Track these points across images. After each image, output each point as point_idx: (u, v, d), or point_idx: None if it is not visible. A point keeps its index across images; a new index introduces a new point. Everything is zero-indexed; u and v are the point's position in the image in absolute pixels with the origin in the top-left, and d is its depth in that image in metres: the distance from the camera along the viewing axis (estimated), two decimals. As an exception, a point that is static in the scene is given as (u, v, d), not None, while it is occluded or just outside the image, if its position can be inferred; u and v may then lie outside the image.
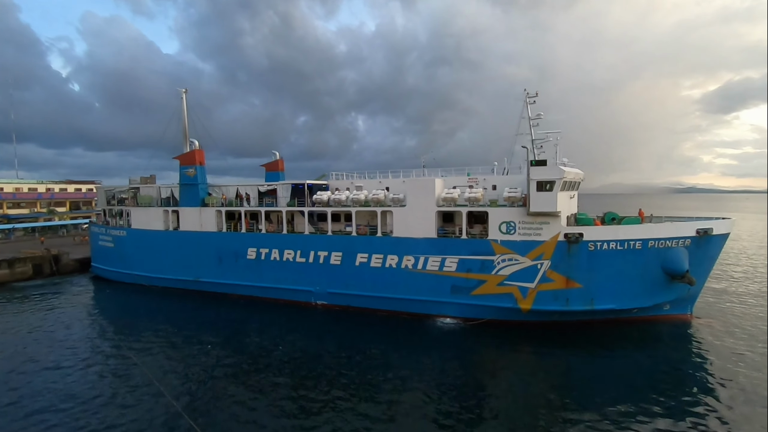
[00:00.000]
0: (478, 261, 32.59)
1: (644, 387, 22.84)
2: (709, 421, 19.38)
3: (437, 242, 34.13)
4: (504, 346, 29.42)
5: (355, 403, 21.32)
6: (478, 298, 32.95)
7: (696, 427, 18.94)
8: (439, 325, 33.12)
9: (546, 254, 30.78)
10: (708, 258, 32.06)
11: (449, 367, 26.01)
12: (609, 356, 27.28)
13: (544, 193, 30.33)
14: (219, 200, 44.87)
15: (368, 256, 36.45)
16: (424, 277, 34.44)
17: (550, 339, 29.77)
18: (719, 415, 19.81)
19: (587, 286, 30.50)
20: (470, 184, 36.34)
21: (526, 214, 31.21)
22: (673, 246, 30.27)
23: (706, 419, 19.55)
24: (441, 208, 34.53)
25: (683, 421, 19.35)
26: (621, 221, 32.88)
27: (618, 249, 30.11)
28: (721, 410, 20.27)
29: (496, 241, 32.11)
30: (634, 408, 20.55)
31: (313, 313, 37.40)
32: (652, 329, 31.17)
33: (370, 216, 38.07)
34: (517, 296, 31.76)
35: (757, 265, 56.55)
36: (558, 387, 23.58)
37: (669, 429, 18.83)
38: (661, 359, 26.69)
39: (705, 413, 20.05)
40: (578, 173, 33.81)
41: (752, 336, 29.46)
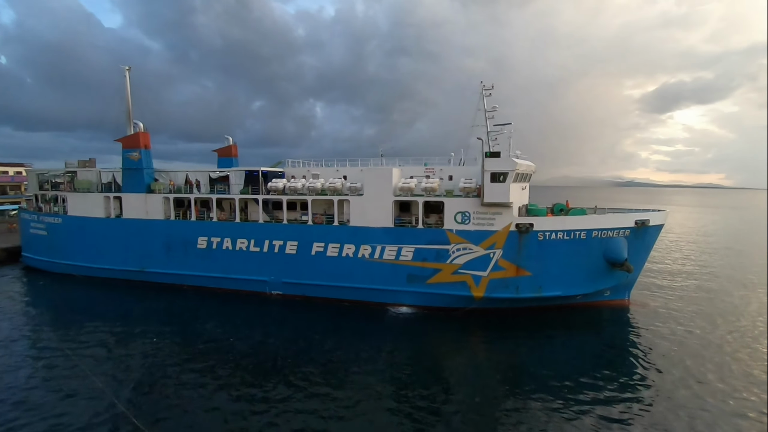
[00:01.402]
0: (434, 250, 33.09)
1: (587, 367, 24.39)
2: (644, 394, 20.96)
3: (394, 231, 34.26)
4: (458, 333, 30.23)
5: (311, 396, 21.07)
6: (434, 287, 33.52)
7: (633, 400, 20.38)
8: (395, 314, 33.42)
9: (498, 243, 31.74)
10: (645, 247, 34.34)
11: (405, 355, 26.37)
12: (555, 340, 28.80)
13: (497, 185, 31.13)
14: (166, 186, 42.52)
15: (325, 246, 36.02)
16: (381, 266, 34.55)
17: (501, 325, 30.98)
18: (653, 390, 21.44)
19: (536, 274, 31.82)
20: (427, 174, 36.66)
21: (480, 205, 31.95)
22: (614, 236, 32.12)
23: (641, 392, 21.13)
24: (398, 197, 34.61)
25: (623, 395, 20.78)
26: (568, 212, 34.47)
27: (565, 239, 31.56)
28: (655, 384, 21.95)
29: (452, 231, 32.69)
30: (579, 386, 21.86)
31: (267, 304, 36.59)
32: (595, 314, 33.14)
33: (326, 205, 37.54)
34: (470, 284, 32.61)
35: (687, 254, 61.52)
36: (508, 370, 24.64)
37: (610, 403, 20.13)
38: (602, 341, 28.60)
39: (640, 387, 21.67)
40: (530, 165, 34.94)
41: (681, 318, 32.07)
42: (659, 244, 54.03)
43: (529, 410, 19.80)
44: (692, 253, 63.19)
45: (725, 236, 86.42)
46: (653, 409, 19.77)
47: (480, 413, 19.71)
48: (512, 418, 19.22)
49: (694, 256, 60.53)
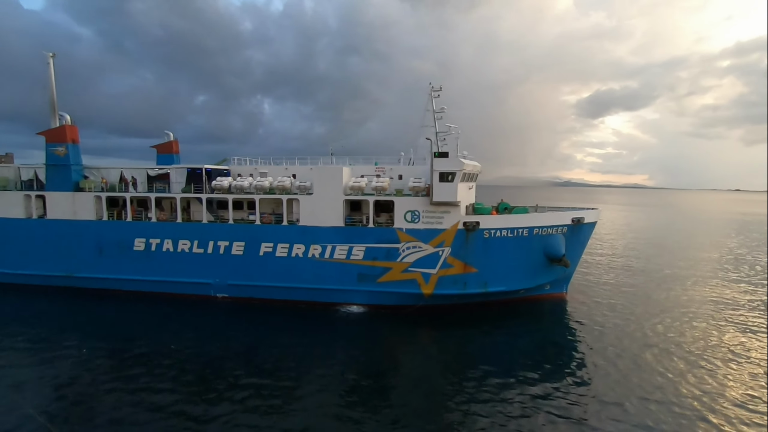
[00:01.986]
0: (384, 249, 33.32)
1: (530, 356, 25.87)
2: (582, 377, 22.41)
3: (345, 231, 34.08)
4: (408, 330, 30.67)
5: (259, 403, 20.33)
6: (384, 285, 33.74)
7: (571, 384, 21.74)
8: (346, 314, 33.28)
9: (447, 241, 32.57)
10: (580, 243, 36.77)
11: (357, 354, 26.36)
12: (501, 333, 30.14)
13: (445, 184, 31.92)
14: (98, 184, 39.39)
15: (273, 246, 35.10)
16: (332, 265, 34.24)
17: (450, 321, 31.85)
18: (588, 373, 23.01)
19: (482, 271, 33.01)
20: (377, 174, 36.84)
21: (429, 204, 32.60)
22: (552, 233, 34.06)
23: (578, 376, 22.59)
24: (348, 196, 34.46)
25: (562, 382, 22.06)
26: (512, 211, 36.08)
27: (509, 236, 33.00)
28: (589, 369, 23.60)
29: (402, 230, 33.09)
30: (524, 374, 23.03)
31: (212, 307, 35.03)
32: (536, 307, 35.02)
33: (275, 204, 36.58)
34: (420, 282, 33.19)
35: (617, 249, 66.61)
36: (458, 364, 25.42)
37: (550, 389, 21.29)
38: (543, 333, 30.38)
39: (577, 374, 23.12)
40: (476, 165, 36.15)
41: (613, 308, 34.71)
42: (593, 240, 58.02)
43: (478, 401, 20.48)
44: (622, 247, 68.56)
45: (650, 232, 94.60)
46: (589, 394, 21.19)
47: (432, 408, 20.12)
48: (462, 409, 19.78)
49: (623, 250, 65.71)
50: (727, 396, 20.94)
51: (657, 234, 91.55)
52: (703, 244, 75.28)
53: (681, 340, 28.15)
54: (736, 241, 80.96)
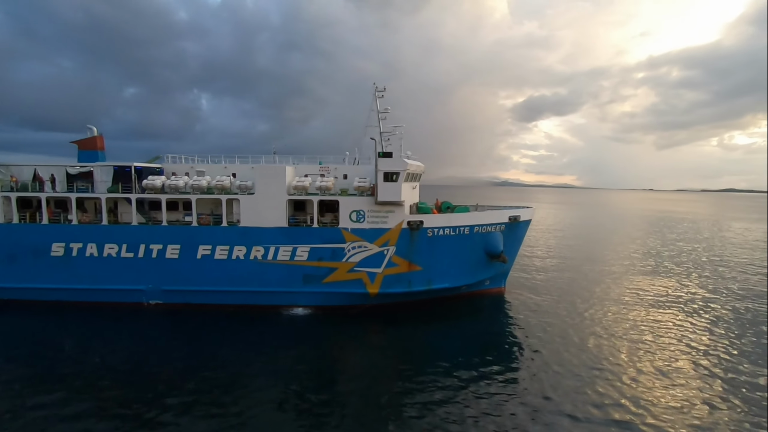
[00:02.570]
0: (330, 249, 33.02)
1: (473, 349, 26.98)
2: (519, 365, 23.68)
3: (288, 231, 33.33)
4: (354, 330, 30.66)
5: (200, 415, 19.23)
6: (330, 286, 33.44)
7: (510, 373, 22.89)
8: (291, 316, 32.59)
9: (391, 241, 32.94)
10: (517, 240, 38.82)
11: (303, 357, 25.80)
12: (445, 328, 31.08)
13: (390, 184, 32.26)
14: (7, 183, 35.29)
15: (212, 248, 33.48)
16: (275, 267, 33.34)
17: (395, 319, 32.29)
18: (524, 362, 24.37)
19: (426, 269, 33.76)
20: (322, 173, 36.40)
21: (374, 203, 32.79)
22: (492, 231, 35.64)
23: (516, 365, 23.85)
24: (292, 196, 33.74)
25: (503, 374, 23.11)
26: (454, 210, 37.28)
27: (451, 234, 34.04)
28: (526, 357, 24.99)
29: (347, 229, 32.98)
30: (468, 368, 23.87)
31: (144, 315, 32.75)
32: (477, 302, 36.49)
33: (213, 204, 34.92)
34: (365, 281, 33.28)
35: (550, 245, 71.07)
36: (404, 361, 25.80)
37: (492, 381, 22.25)
38: (484, 327, 31.85)
39: (515, 364, 24.43)
40: (420, 166, 36.90)
41: (547, 301, 37.00)
42: (528, 237, 61.52)
43: (424, 397, 20.89)
44: (555, 243, 73.35)
45: (579, 228, 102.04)
46: (527, 384, 22.42)
47: (378, 407, 20.20)
48: (409, 406, 20.07)
49: (556, 245, 70.36)
50: (649, 372, 23.13)
51: (585, 230, 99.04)
52: (626, 239, 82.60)
53: (609, 325, 30.67)
54: (653, 235, 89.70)
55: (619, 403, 20.25)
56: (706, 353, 26.32)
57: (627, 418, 18.99)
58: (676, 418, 19.11)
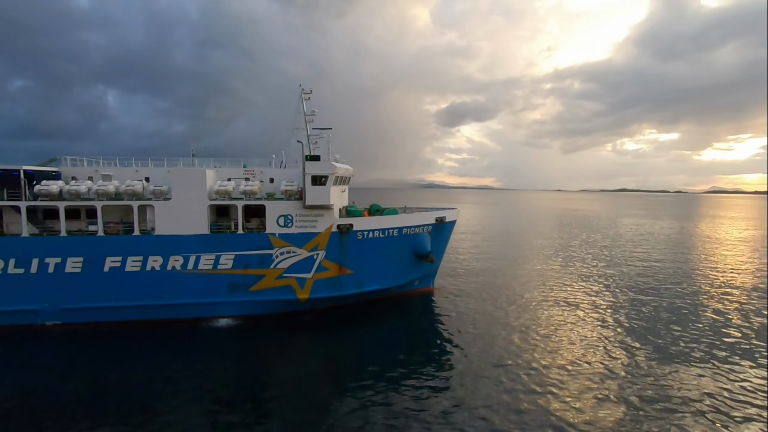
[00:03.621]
0: (256, 256, 31.72)
1: (403, 349, 27.49)
2: (447, 361, 24.56)
3: (210, 238, 31.43)
4: (284, 337, 29.71)
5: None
6: (257, 294, 32.12)
7: (440, 368, 23.67)
8: (215, 328, 30.72)
9: (321, 245, 32.51)
10: (443, 240, 40.39)
11: (230, 370, 24.42)
12: (375, 329, 31.43)
13: (318, 187, 31.84)
14: None
15: (122, 260, 30.50)
16: (196, 277, 31.25)
17: (327, 324, 31.88)
18: (452, 359, 25.33)
19: (357, 272, 33.80)
20: (247, 177, 34.95)
21: (302, 207, 32.13)
22: (419, 232, 36.70)
23: (443, 361, 24.72)
24: (214, 201, 31.91)
25: (433, 371, 23.81)
26: (383, 212, 37.76)
27: (381, 237, 34.45)
28: (453, 355, 25.96)
29: (274, 235, 31.93)
30: (397, 366, 24.21)
31: (41, 339, 28.89)
32: (407, 302, 37.30)
33: (123, 211, 31.87)
34: (295, 287, 32.47)
35: (474, 243, 74.90)
36: (336, 365, 25.59)
37: (422, 377, 22.82)
38: (414, 325, 32.63)
39: (445, 360, 25.32)
40: (348, 169, 36.90)
41: (473, 297, 38.88)
42: (454, 236, 64.35)
43: (356, 400, 20.81)
44: (478, 241, 77.47)
45: (499, 226, 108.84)
46: (456, 379, 23.32)
47: (311, 413, 19.77)
48: (340, 410, 19.87)
49: (479, 244, 74.31)
50: (564, 364, 25.25)
51: (505, 228, 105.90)
52: (540, 235, 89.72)
53: (528, 318, 33.00)
54: (563, 231, 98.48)
55: (536, 392, 21.88)
56: (611, 343, 29.43)
57: (544, 408, 20.53)
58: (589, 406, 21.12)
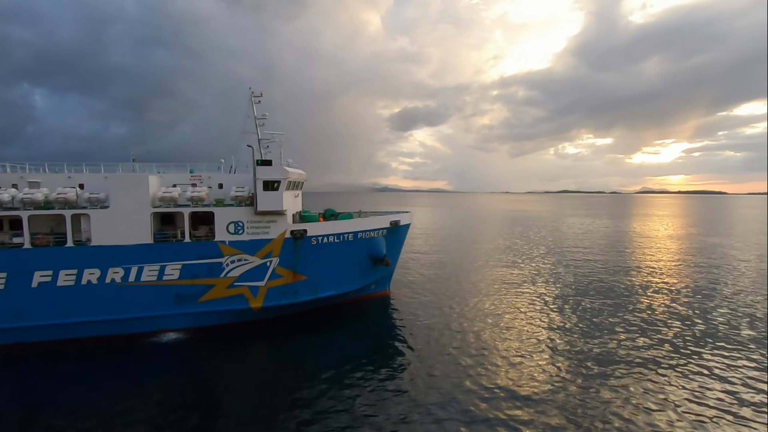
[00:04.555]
0: (205, 265, 30.38)
1: (360, 354, 27.24)
2: (404, 363, 24.70)
3: (154, 248, 29.72)
4: (237, 349, 28.59)
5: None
6: (207, 304, 30.75)
7: (395, 371, 23.77)
8: (161, 343, 29.01)
9: (274, 252, 31.73)
10: (398, 243, 40.77)
11: (178, 386, 23.17)
12: (331, 335, 30.97)
13: (270, 193, 31.10)
14: None
15: (54, 274, 28.09)
16: (139, 290, 29.40)
17: (282, 332, 31.12)
18: (409, 361, 25.51)
19: (312, 278, 33.29)
20: (194, 182, 33.45)
21: (254, 213, 31.22)
22: (375, 236, 36.82)
23: (400, 364, 24.84)
24: (158, 209, 30.24)
25: (391, 373, 23.87)
26: (338, 217, 37.56)
27: (336, 242, 34.18)
28: (410, 357, 26.15)
29: (224, 242, 30.75)
30: (354, 371, 24.04)
31: (-47, 365, 25.86)
32: (363, 306, 37.22)
33: (54, 221, 29.41)
34: (247, 296, 31.43)
35: (429, 245, 76.20)
36: (290, 373, 24.87)
37: (379, 381, 22.81)
38: (370, 329, 32.40)
39: (400, 361, 25.44)
40: (301, 174, 36.36)
41: (429, 298, 39.48)
42: (408, 239, 65.20)
43: (312, 408, 20.43)
44: (432, 243, 78.90)
45: (452, 228, 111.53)
46: (413, 382, 23.53)
47: (265, 424, 19.14)
48: (297, 419, 19.41)
49: (434, 245, 75.71)
50: (518, 356, 26.24)
51: (458, 230, 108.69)
52: (491, 235, 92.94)
53: (482, 318, 34.00)
54: (513, 231, 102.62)
55: (489, 392, 22.59)
56: (558, 340, 31.00)
57: (496, 409, 21.22)
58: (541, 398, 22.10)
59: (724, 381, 23.15)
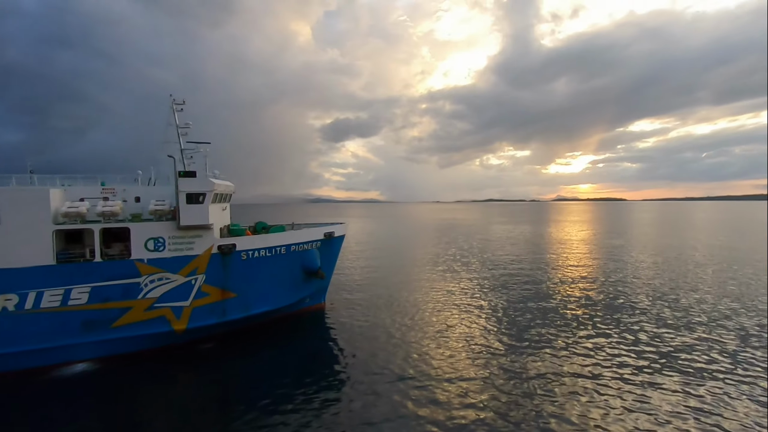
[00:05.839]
0: (120, 286, 27.67)
1: (294, 370, 26.30)
2: (341, 377, 24.30)
3: (58, 270, 26.52)
4: (157, 376, 26.25)
5: None
6: (122, 330, 27.98)
7: (332, 385, 23.28)
8: (67, 375, 25.81)
9: (200, 268, 29.82)
10: (333, 255, 40.35)
11: (89, 426, 20.62)
12: (265, 353, 29.55)
13: (195, 206, 29.32)
14: None
15: (-75, 305, 23.92)
16: (39, 317, 25.99)
17: (211, 352, 29.23)
18: (348, 375, 25.16)
19: (242, 294, 31.70)
20: (105, 196, 30.53)
21: (176, 229, 29.16)
22: (308, 248, 36.12)
23: (337, 377, 24.41)
24: (62, 225, 27.10)
25: (324, 385, 23.31)
26: (269, 230, 36.32)
27: (267, 255, 32.98)
28: (348, 371, 25.83)
29: (142, 261, 28.31)
30: (291, 388, 23.21)
31: None
32: (298, 321, 36.20)
33: (-74, 243, 25.12)
34: (170, 318, 29.10)
35: (363, 256, 76.32)
36: (221, 395, 23.45)
37: (315, 396, 22.18)
38: (305, 344, 31.44)
39: (337, 374, 25.00)
40: (229, 185, 34.75)
41: (364, 310, 39.40)
42: (343, 250, 64.86)
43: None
44: (368, 254, 79.17)
45: (387, 239, 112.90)
46: (353, 396, 23.24)
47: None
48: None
49: (369, 256, 75.98)
50: (455, 362, 26.98)
51: (392, 240, 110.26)
52: (424, 244, 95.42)
53: (418, 327, 34.58)
54: (444, 239, 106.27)
55: (429, 401, 23.02)
56: (491, 339, 32.51)
57: (435, 417, 21.70)
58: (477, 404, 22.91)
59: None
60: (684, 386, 23.57)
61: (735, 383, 23.90)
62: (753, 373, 25.16)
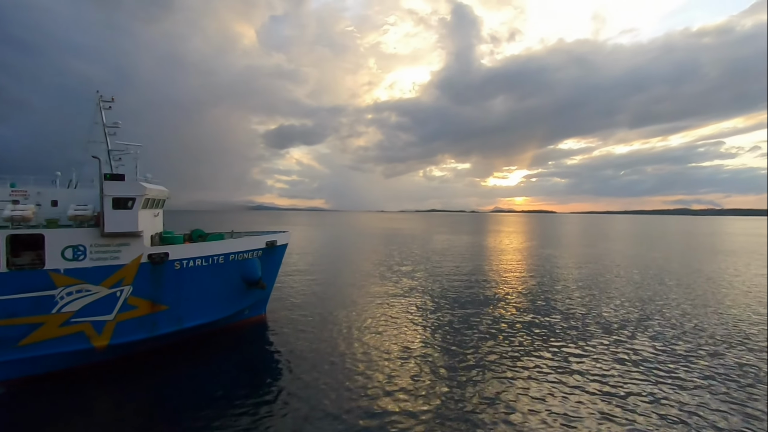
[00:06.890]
0: (29, 299, 24.78)
1: (235, 384, 25.05)
2: (282, 390, 23.38)
3: (-48, 282, 23.27)
4: (75, 399, 23.67)
5: None
6: (32, 348, 25.05)
7: (271, 398, 22.32)
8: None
9: (127, 279, 27.56)
10: (275, 264, 39.12)
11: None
12: (200, 368, 27.71)
13: (122, 211, 27.15)
14: None
15: None
16: (-75, 338, 22.57)
17: (139, 370, 26.94)
18: (289, 388, 24.27)
19: (174, 307, 29.71)
20: (15, 199, 27.43)
21: (99, 236, 26.77)
22: (249, 257, 34.73)
23: (279, 391, 23.45)
24: (-41, 231, 23.88)
25: (264, 400, 22.28)
26: (206, 238, 34.48)
27: (204, 265, 31.25)
28: (290, 384, 24.93)
29: (58, 271, 25.60)
30: (228, 404, 21.84)
31: None
32: (237, 333, 34.52)
33: None
34: (89, 334, 26.52)
35: (307, 265, 74.81)
36: (150, 416, 21.62)
37: (258, 412, 21.13)
38: (244, 358, 29.99)
39: (278, 388, 24.03)
40: (163, 190, 32.63)
41: (307, 321, 38.41)
42: (285, 260, 63.13)
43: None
44: (311, 263, 77.65)
45: (330, 248, 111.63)
46: (296, 409, 22.42)
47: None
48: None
49: (312, 266, 74.52)
50: (398, 385, 26.97)
51: (336, 248, 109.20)
52: (368, 254, 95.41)
53: (364, 335, 34.28)
54: (389, 248, 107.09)
55: (372, 412, 22.85)
56: (434, 350, 33.02)
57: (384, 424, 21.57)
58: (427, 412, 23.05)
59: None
60: (601, 386, 25.46)
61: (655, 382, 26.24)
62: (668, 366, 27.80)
